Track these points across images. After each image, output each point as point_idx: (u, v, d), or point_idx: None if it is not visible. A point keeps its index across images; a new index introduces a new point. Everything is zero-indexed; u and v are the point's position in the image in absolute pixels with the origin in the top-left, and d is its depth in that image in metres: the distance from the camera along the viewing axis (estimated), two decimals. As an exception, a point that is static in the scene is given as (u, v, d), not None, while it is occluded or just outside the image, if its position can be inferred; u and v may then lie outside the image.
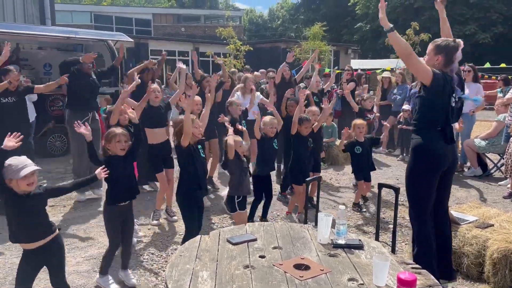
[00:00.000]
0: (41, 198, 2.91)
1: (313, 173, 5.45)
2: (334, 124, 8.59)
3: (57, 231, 3.01)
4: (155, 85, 5.26)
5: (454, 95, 3.26)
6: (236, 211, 4.40)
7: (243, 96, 6.72)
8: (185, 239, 3.74)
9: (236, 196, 4.36)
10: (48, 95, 8.62)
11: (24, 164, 2.76)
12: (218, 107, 6.30)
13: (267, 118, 5.01)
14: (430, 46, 3.32)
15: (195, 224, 3.87)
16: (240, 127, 4.82)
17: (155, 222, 5.02)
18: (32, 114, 6.84)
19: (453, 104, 3.26)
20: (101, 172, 3.18)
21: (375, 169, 5.80)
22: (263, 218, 5.04)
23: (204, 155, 3.99)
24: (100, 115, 7.23)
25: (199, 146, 3.91)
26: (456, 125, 4.18)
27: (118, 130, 3.53)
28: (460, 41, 3.28)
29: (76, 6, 39.45)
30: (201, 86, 6.25)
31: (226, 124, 4.60)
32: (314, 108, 5.83)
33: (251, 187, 4.77)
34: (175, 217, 5.12)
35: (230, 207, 4.59)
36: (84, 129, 3.35)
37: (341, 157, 8.26)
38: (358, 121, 5.61)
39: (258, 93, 7.20)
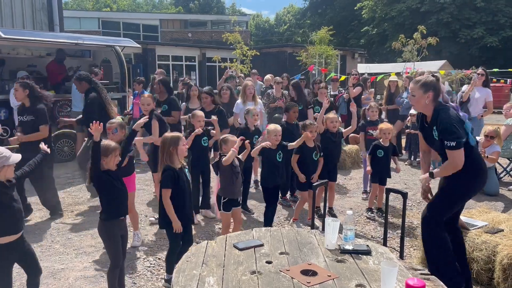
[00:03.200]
0: (14, 187, 3.03)
1: (329, 181, 5.18)
2: (341, 128, 8.56)
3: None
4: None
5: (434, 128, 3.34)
6: (220, 211, 4.32)
7: (244, 104, 6.71)
8: (168, 255, 3.70)
9: (222, 197, 4.24)
10: (56, 101, 8.70)
11: (8, 152, 2.91)
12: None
13: (271, 126, 4.85)
14: (415, 85, 3.36)
15: (178, 240, 3.66)
16: (246, 142, 4.39)
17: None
18: None
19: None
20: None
21: (390, 177, 5.72)
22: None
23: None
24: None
25: (185, 161, 3.85)
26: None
27: (113, 144, 3.43)
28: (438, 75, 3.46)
29: (84, 13, 39.92)
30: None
31: (231, 138, 4.39)
32: (331, 114, 5.70)
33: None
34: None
35: (218, 205, 4.46)
36: (95, 129, 3.18)
37: (348, 162, 8.23)
38: (384, 125, 5.62)
39: (260, 101, 7.15)
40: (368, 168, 5.53)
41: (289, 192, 6.33)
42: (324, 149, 5.35)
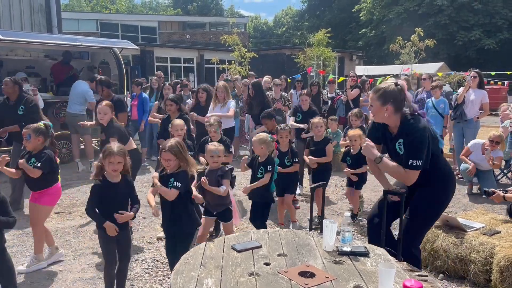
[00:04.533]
0: None
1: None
2: (339, 130, 8.58)
3: None
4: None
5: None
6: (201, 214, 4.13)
7: (214, 107, 6.50)
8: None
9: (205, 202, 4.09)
10: (54, 102, 8.70)
11: None
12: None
13: (261, 135, 4.56)
14: (373, 95, 3.07)
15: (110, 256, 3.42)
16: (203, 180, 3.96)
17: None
18: None
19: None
20: None
21: (364, 182, 5.51)
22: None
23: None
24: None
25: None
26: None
27: (115, 147, 3.31)
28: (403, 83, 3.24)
29: (83, 14, 39.88)
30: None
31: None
32: (316, 119, 5.47)
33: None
34: None
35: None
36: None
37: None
38: (351, 132, 5.45)
39: (232, 101, 6.80)
40: (346, 170, 5.39)
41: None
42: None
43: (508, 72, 16.20)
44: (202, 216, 4.08)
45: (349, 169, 5.35)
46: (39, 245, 4.10)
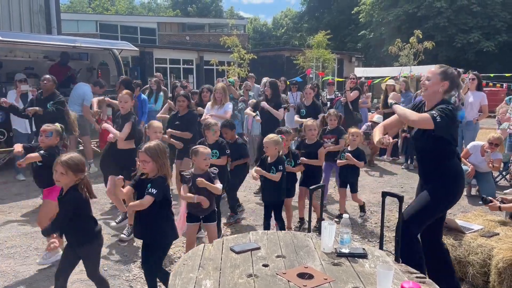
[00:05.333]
0: None
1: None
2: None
3: None
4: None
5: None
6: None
7: (212, 107, 6.54)
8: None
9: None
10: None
11: None
12: None
13: (273, 136, 4.62)
14: (434, 70, 3.28)
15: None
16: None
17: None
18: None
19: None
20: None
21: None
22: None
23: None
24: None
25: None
26: None
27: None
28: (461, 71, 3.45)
29: (82, 15, 39.84)
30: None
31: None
32: (309, 122, 5.38)
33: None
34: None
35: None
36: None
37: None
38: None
39: (230, 103, 6.83)
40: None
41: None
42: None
43: (507, 74, 16.24)
44: (186, 223, 3.94)
45: (341, 161, 5.42)
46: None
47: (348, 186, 5.58)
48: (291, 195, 5.07)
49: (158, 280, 3.44)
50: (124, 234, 4.83)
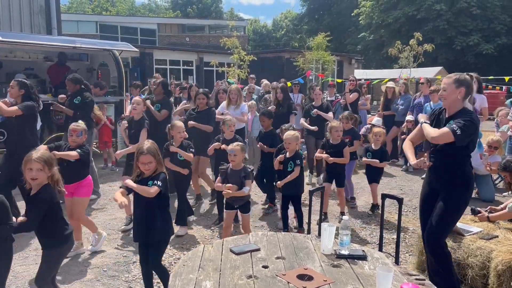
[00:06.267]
0: None
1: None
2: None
3: None
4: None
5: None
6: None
7: (228, 107, 6.75)
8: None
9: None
10: (53, 103, 8.67)
11: None
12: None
13: (293, 132, 5.04)
14: (448, 80, 3.41)
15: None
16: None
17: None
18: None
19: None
20: None
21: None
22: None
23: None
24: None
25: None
26: None
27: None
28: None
29: (82, 16, 39.84)
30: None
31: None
32: (335, 123, 5.72)
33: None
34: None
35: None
36: None
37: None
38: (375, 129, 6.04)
39: (245, 104, 7.11)
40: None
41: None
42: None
43: (506, 78, 16.26)
44: (225, 210, 4.46)
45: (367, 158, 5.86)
46: (92, 228, 4.58)
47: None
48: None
49: (157, 279, 3.44)
50: (125, 225, 5.24)
